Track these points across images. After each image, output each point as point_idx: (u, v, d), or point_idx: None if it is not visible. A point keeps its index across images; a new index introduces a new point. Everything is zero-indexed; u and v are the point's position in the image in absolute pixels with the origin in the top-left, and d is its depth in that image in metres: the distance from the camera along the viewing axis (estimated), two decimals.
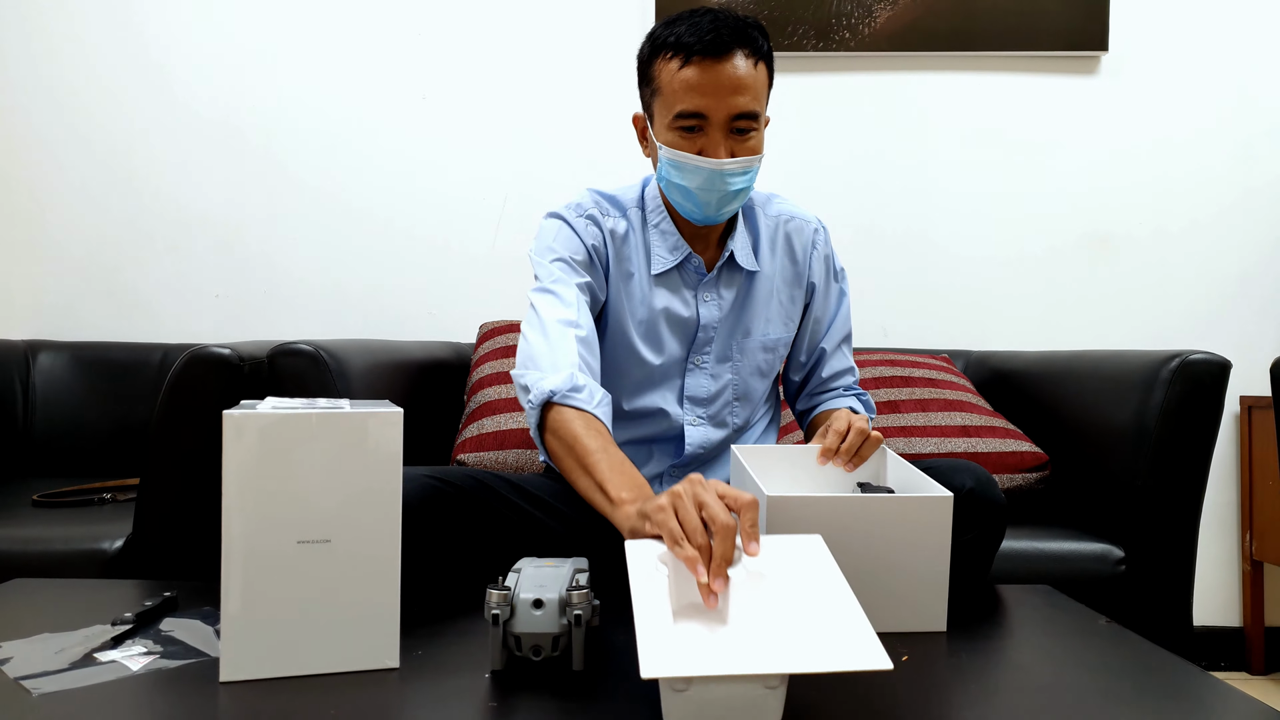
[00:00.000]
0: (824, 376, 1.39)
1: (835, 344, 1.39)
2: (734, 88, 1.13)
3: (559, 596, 0.83)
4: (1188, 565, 1.48)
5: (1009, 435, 1.73)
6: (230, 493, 0.79)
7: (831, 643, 0.72)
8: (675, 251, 1.27)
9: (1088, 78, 2.20)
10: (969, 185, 2.21)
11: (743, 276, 1.31)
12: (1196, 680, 0.86)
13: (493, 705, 0.77)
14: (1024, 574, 1.42)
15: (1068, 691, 0.82)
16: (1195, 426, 1.48)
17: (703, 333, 1.29)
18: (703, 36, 1.12)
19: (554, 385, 1.10)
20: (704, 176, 1.16)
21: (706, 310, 1.29)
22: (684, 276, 1.29)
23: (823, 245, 1.37)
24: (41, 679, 0.81)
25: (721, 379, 1.31)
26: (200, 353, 1.42)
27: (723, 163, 1.15)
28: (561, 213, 1.28)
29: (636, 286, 1.27)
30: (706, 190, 1.17)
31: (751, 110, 1.14)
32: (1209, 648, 2.15)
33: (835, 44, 2.16)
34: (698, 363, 1.30)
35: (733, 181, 1.17)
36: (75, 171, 2.23)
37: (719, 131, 1.14)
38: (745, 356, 1.31)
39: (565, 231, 1.26)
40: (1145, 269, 2.20)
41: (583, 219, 1.27)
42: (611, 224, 1.28)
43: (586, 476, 1.04)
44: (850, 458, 1.09)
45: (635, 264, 1.28)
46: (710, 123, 1.14)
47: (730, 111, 1.13)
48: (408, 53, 2.22)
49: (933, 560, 0.95)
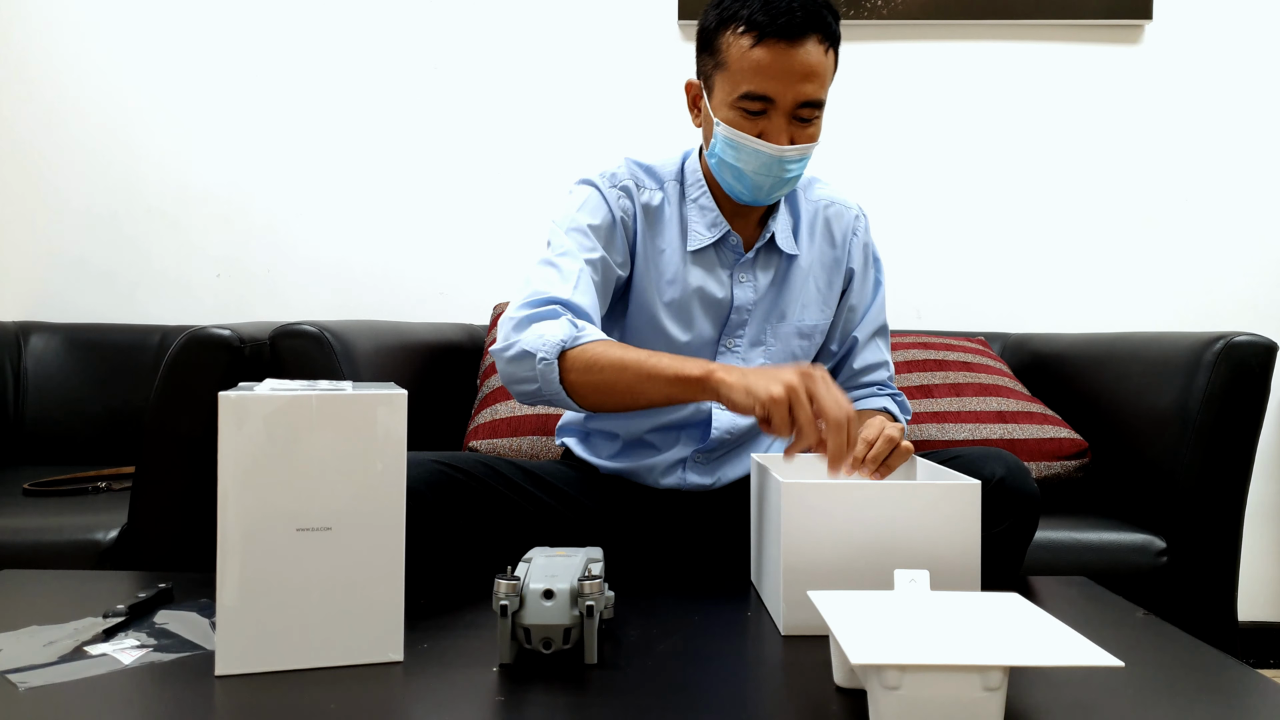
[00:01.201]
0: (855, 368, 1.35)
1: (869, 334, 1.35)
2: (805, 74, 1.10)
3: (570, 587, 0.80)
4: (1232, 557, 1.45)
5: (1047, 421, 1.69)
6: (226, 478, 0.77)
7: (1050, 645, 0.72)
8: (714, 229, 1.24)
9: (1130, 47, 2.15)
10: (1005, 160, 2.17)
11: (780, 259, 1.27)
12: (1237, 674, 0.84)
13: (500, 700, 0.75)
14: (1062, 565, 1.40)
15: (1101, 684, 0.79)
16: (1240, 412, 1.45)
17: (736, 314, 1.26)
18: (776, 18, 1.08)
19: (562, 335, 1.07)
20: (762, 161, 1.13)
21: (741, 291, 1.25)
22: (720, 255, 1.25)
23: (863, 233, 1.34)
24: (29, 672, 0.78)
25: (753, 364, 1.27)
26: (199, 334, 1.39)
27: (784, 150, 1.12)
28: (594, 180, 1.24)
29: (668, 262, 1.24)
30: (762, 174, 1.15)
31: (819, 99, 1.12)
32: (1257, 644, 2.10)
33: (867, 12, 2.12)
34: (730, 345, 1.27)
35: (790, 169, 1.15)
36: (70, 144, 2.19)
37: (783, 117, 1.12)
38: (780, 342, 1.28)
39: (594, 199, 1.23)
40: (1191, 247, 2.15)
41: (616, 189, 1.24)
42: (646, 196, 1.25)
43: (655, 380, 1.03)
44: (876, 467, 1.05)
45: (668, 239, 1.24)
46: (776, 107, 1.11)
47: (798, 99, 1.11)
48: (419, 21, 2.18)
49: (962, 552, 0.91)
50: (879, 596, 0.80)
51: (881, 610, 0.79)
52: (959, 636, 0.77)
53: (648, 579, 1.10)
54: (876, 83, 2.16)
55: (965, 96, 2.17)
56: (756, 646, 0.91)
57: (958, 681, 0.66)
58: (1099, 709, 0.75)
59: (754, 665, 0.88)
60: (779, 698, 0.80)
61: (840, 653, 0.75)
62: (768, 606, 0.99)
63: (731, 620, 0.97)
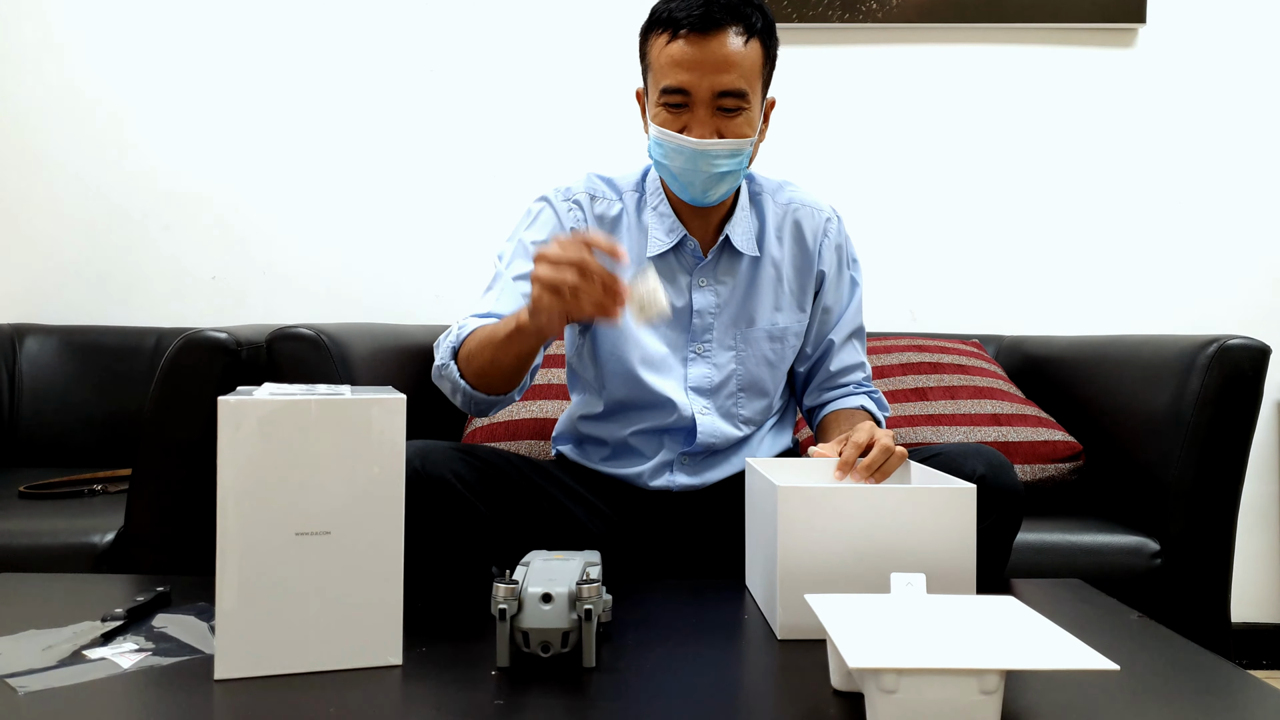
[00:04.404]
0: (832, 370, 1.35)
1: (845, 336, 1.35)
2: (719, 65, 1.11)
3: (569, 590, 0.81)
4: (1225, 559, 1.46)
5: (1041, 424, 1.70)
6: (226, 483, 0.77)
7: (1046, 649, 0.72)
8: (671, 234, 1.25)
9: (1124, 50, 2.16)
10: (1000, 163, 2.17)
11: (744, 263, 1.28)
12: (1230, 676, 0.84)
13: (499, 704, 0.75)
14: (1056, 567, 1.40)
15: (1096, 687, 0.79)
16: (1233, 415, 1.45)
17: (699, 319, 1.26)
18: (692, 11, 1.11)
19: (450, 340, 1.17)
20: (686, 156, 1.14)
21: (701, 296, 1.26)
22: (680, 260, 1.27)
23: (835, 234, 1.34)
24: (27, 677, 0.78)
25: (725, 368, 1.28)
26: (195, 337, 1.39)
27: (705, 143, 1.13)
28: (548, 195, 1.29)
29: (629, 271, 1.24)
30: (690, 171, 1.15)
31: (738, 88, 1.12)
32: (1252, 646, 2.10)
33: (862, 15, 2.13)
34: (699, 351, 1.27)
35: (718, 164, 1.15)
36: (64, 145, 2.18)
37: (704, 109, 1.13)
38: (750, 346, 1.28)
39: (545, 214, 1.28)
40: (1184, 250, 2.16)
41: (567, 202, 1.28)
42: (602, 208, 1.28)
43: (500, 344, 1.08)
44: (872, 473, 1.06)
45: (628, 247, 1.26)
46: (694, 100, 1.12)
47: (714, 89, 1.12)
48: (414, 25, 2.17)
49: (958, 556, 0.92)
50: (875, 600, 0.81)
51: (878, 614, 0.79)
52: (955, 640, 0.77)
53: (645, 583, 1.10)
54: (871, 86, 2.16)
55: (960, 100, 2.17)
56: (753, 650, 0.91)
57: (955, 685, 0.66)
58: (1094, 711, 0.75)
59: (751, 669, 0.88)
60: (776, 701, 0.80)
61: (837, 656, 0.76)
62: (763, 610, 0.99)
63: (728, 624, 0.98)
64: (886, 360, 1.84)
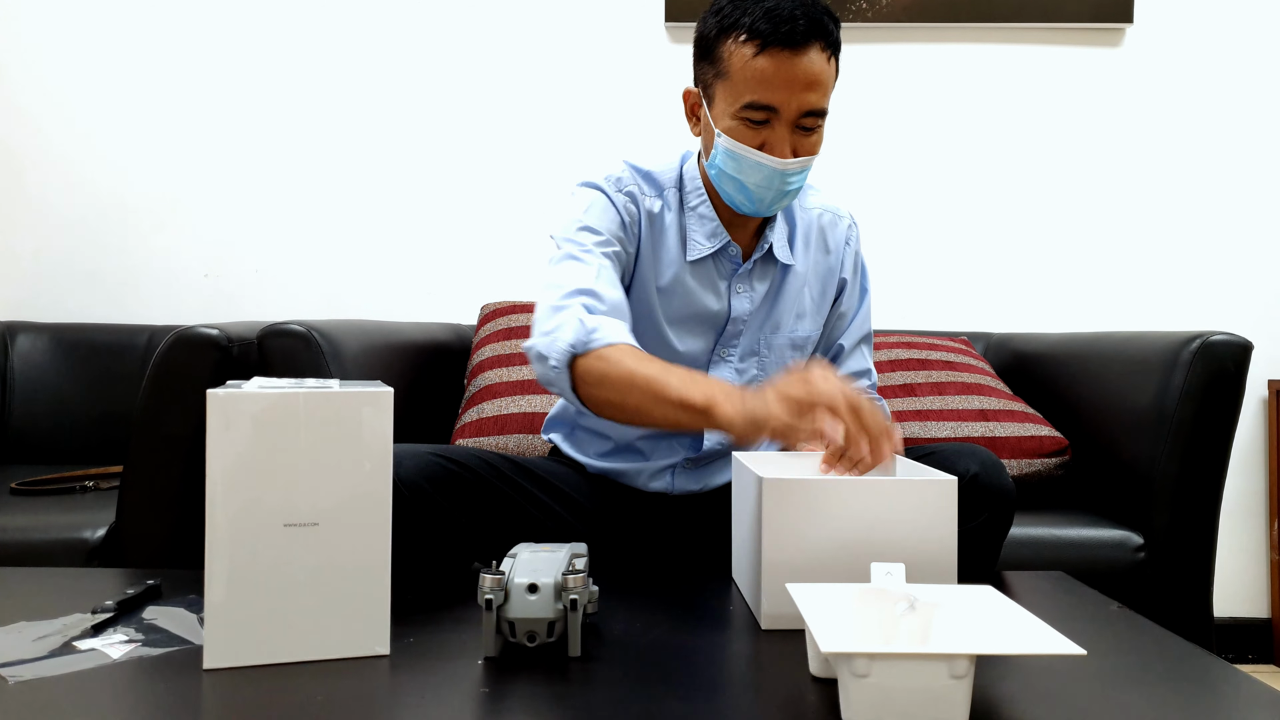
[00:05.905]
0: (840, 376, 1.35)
1: (854, 342, 1.34)
2: (808, 83, 1.08)
3: (554, 581, 0.81)
4: (1208, 554, 1.47)
5: (1028, 419, 1.71)
6: (214, 474, 0.78)
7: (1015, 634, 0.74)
8: (713, 239, 1.22)
9: (1111, 50, 2.17)
10: (988, 161, 2.19)
11: (777, 269, 1.26)
12: (1202, 661, 0.86)
13: (485, 692, 0.76)
14: (1041, 561, 1.41)
15: (1069, 673, 0.81)
16: (1216, 410, 1.47)
17: (732, 325, 1.24)
18: (780, 25, 1.06)
19: (570, 338, 1.05)
20: (764, 174, 1.11)
21: (739, 302, 1.24)
22: (718, 265, 1.23)
23: (855, 241, 1.33)
24: (18, 666, 0.79)
25: (746, 374, 1.26)
26: (186, 334, 1.39)
27: (787, 163, 1.10)
28: (600, 184, 1.21)
29: (666, 271, 1.22)
30: (764, 187, 1.13)
31: (822, 108, 1.10)
32: (1236, 640, 2.12)
33: (852, 14, 2.14)
34: (723, 355, 1.25)
35: (791, 180, 1.13)
36: (56, 143, 2.19)
37: (786, 128, 1.10)
38: (773, 353, 1.27)
39: (601, 203, 1.20)
40: (1169, 248, 2.18)
41: (622, 194, 1.21)
42: (649, 204, 1.23)
43: (660, 404, 1.00)
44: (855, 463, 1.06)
45: (668, 247, 1.22)
46: (779, 117, 1.09)
47: (802, 108, 1.09)
48: (405, 23, 2.18)
49: (939, 546, 0.93)
50: (854, 589, 0.82)
51: (856, 602, 0.80)
52: (929, 627, 0.78)
53: (631, 575, 1.11)
54: (861, 85, 2.17)
55: (948, 99, 2.19)
56: (736, 639, 0.92)
57: (925, 669, 0.67)
58: (1066, 696, 0.76)
59: (733, 657, 0.89)
60: (756, 687, 0.81)
61: (814, 642, 0.77)
62: (748, 601, 1.00)
63: (713, 614, 0.99)
64: (875, 357, 1.85)
